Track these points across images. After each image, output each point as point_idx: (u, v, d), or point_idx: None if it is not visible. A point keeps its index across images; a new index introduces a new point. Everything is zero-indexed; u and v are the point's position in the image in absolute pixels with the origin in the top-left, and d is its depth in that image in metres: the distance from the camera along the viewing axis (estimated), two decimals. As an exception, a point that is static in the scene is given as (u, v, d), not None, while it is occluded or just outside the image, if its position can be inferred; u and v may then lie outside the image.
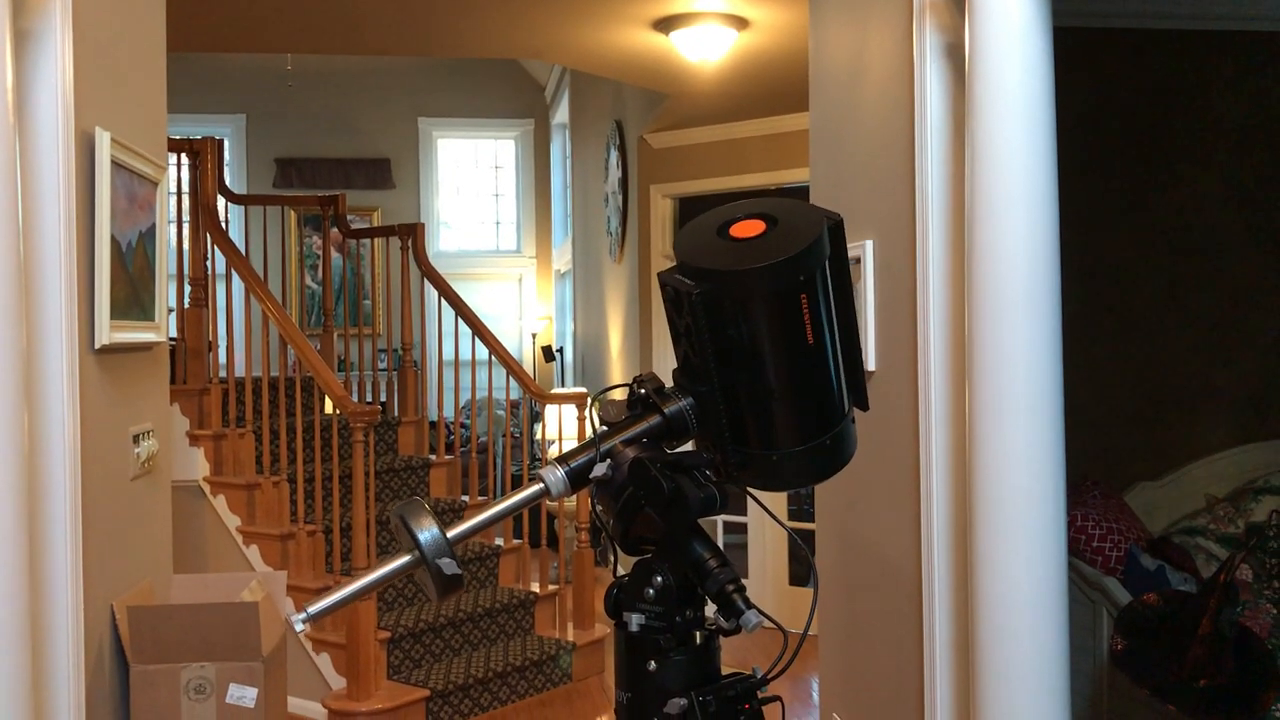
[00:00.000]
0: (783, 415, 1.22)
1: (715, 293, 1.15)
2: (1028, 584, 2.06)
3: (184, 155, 4.82)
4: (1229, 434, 4.07)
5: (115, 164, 2.47)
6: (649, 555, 1.23)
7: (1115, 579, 3.20)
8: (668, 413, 1.22)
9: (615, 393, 1.31)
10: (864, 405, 1.31)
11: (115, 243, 2.49)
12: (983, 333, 2.09)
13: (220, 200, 5.00)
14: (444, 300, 5.61)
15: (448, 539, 1.14)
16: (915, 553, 2.57)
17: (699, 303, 1.15)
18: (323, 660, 4.43)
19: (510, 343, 10.68)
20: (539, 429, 7.37)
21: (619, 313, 7.17)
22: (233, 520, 4.65)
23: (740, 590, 1.15)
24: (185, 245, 4.90)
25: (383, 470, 5.26)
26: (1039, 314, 2.06)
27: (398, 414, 5.86)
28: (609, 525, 1.24)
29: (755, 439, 1.22)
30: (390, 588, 4.78)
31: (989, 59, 2.07)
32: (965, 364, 2.17)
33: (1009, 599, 2.07)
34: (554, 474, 1.21)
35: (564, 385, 9.90)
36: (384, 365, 9.55)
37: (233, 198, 5.70)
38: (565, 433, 6.04)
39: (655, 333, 6.46)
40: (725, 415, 1.20)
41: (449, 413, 9.19)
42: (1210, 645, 2.69)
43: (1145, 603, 2.87)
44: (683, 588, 1.20)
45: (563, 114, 9.85)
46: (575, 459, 1.22)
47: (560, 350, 10.23)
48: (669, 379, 1.26)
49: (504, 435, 5.43)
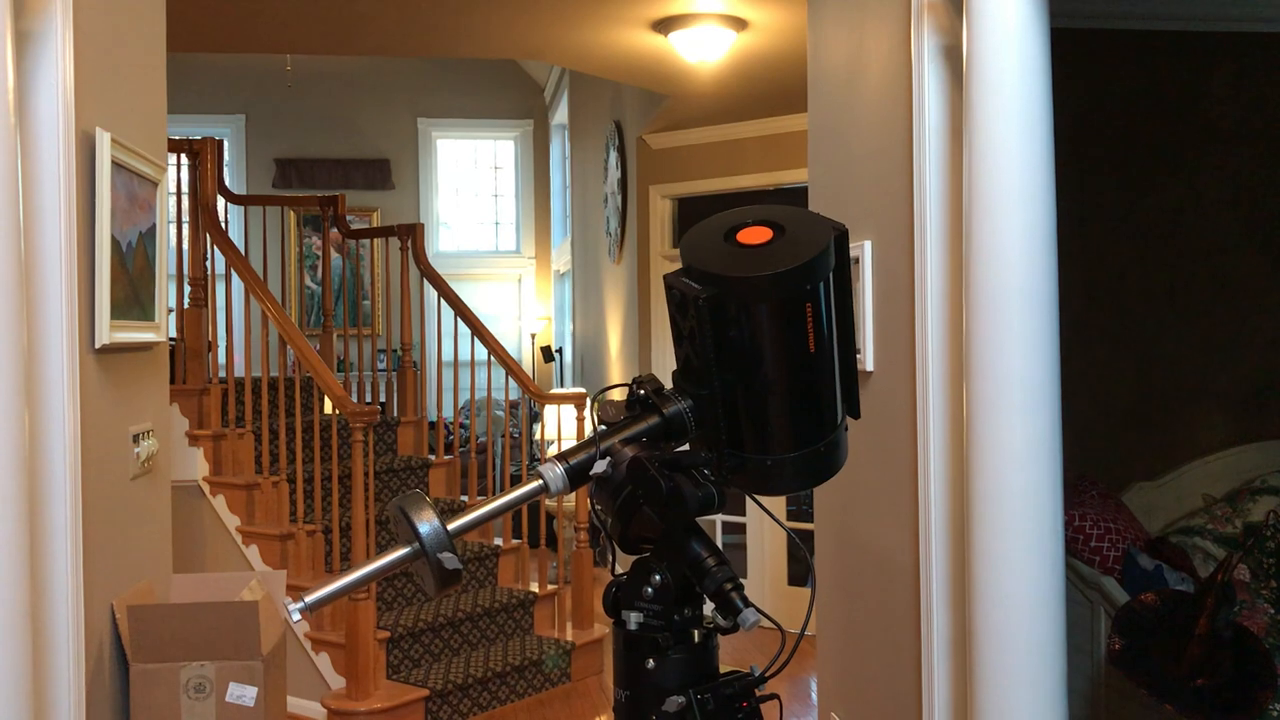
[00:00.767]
0: (779, 421, 1.23)
1: (722, 297, 1.16)
2: (1025, 583, 2.07)
3: (184, 155, 4.82)
4: (1226, 434, 4.07)
5: (115, 164, 2.47)
6: (647, 554, 1.23)
7: (1113, 579, 3.21)
8: (667, 414, 1.22)
9: (614, 393, 1.31)
10: (856, 414, 1.32)
11: (115, 243, 2.50)
12: (981, 332, 2.10)
13: (220, 200, 5.00)
14: (443, 301, 5.61)
15: (448, 532, 1.14)
16: (913, 552, 2.58)
17: (706, 307, 1.15)
18: (322, 660, 4.43)
19: (509, 343, 10.68)
20: (538, 429, 7.38)
21: (618, 313, 7.18)
22: (232, 520, 4.66)
23: (738, 589, 1.16)
24: (185, 245, 4.90)
25: (382, 470, 5.26)
26: (1036, 314, 2.06)
27: (397, 414, 5.87)
28: (607, 524, 1.24)
29: (750, 443, 1.23)
30: (390, 588, 4.78)
31: (987, 60, 2.08)
32: (963, 363, 2.18)
33: (1007, 598, 2.08)
34: (553, 471, 1.21)
35: (563, 385, 9.90)
36: (383, 365, 9.55)
37: (232, 198, 5.70)
38: (564, 433, 6.05)
39: (654, 333, 6.46)
40: (723, 419, 1.21)
41: (448, 413, 9.20)
42: (1207, 645, 2.70)
43: (1143, 602, 2.88)
44: (681, 586, 1.20)
45: (562, 114, 9.85)
46: (575, 456, 1.22)
47: (559, 350, 10.23)
48: (667, 379, 1.27)
49: (503, 435, 5.43)
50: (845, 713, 3.19)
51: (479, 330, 5.50)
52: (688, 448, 1.26)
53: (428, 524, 1.13)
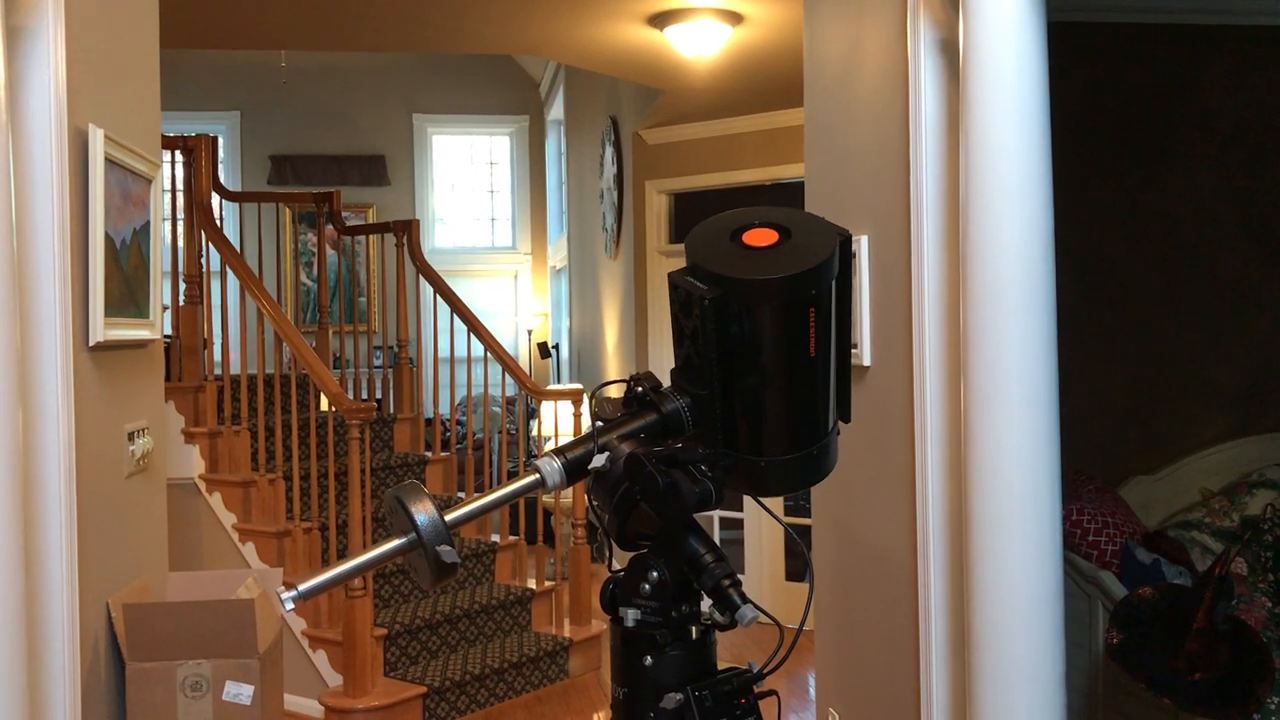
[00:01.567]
0: (775, 423, 1.23)
1: (727, 298, 1.16)
2: (1023, 578, 2.07)
3: (178, 152, 4.81)
4: (1224, 428, 4.07)
5: (109, 161, 2.46)
6: (645, 550, 1.23)
7: (1111, 573, 3.21)
8: (665, 411, 1.22)
9: (611, 390, 1.31)
10: (847, 418, 1.33)
11: (109, 240, 2.49)
12: (978, 327, 2.09)
13: (215, 197, 4.99)
14: (439, 297, 5.61)
15: (446, 523, 1.13)
16: (911, 547, 2.57)
17: (711, 308, 1.15)
18: (319, 657, 4.43)
19: (506, 339, 10.68)
20: (535, 425, 7.37)
21: (614, 309, 7.17)
22: (228, 518, 4.65)
23: (736, 585, 1.15)
24: (180, 242, 4.89)
25: (378, 467, 5.25)
26: (1034, 308, 2.06)
27: (393, 411, 5.86)
28: (604, 520, 1.24)
29: (745, 444, 1.23)
30: (387, 585, 4.78)
31: (983, 54, 2.07)
32: (960, 358, 2.17)
33: (1005, 593, 2.08)
34: (550, 465, 1.20)
35: (560, 382, 9.90)
36: (379, 362, 9.53)
37: (227, 195, 5.69)
38: (561, 429, 6.05)
39: (651, 329, 6.45)
40: (720, 419, 1.21)
41: (445, 409, 9.19)
42: (1205, 639, 2.70)
43: (1141, 596, 2.88)
44: (678, 583, 1.20)
45: (558, 110, 9.84)
46: (572, 451, 1.22)
47: (556, 346, 10.23)
48: (664, 375, 1.27)
49: (500, 432, 5.42)
50: (844, 708, 3.19)
51: (475, 326, 5.49)
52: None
53: (425, 515, 1.12)
